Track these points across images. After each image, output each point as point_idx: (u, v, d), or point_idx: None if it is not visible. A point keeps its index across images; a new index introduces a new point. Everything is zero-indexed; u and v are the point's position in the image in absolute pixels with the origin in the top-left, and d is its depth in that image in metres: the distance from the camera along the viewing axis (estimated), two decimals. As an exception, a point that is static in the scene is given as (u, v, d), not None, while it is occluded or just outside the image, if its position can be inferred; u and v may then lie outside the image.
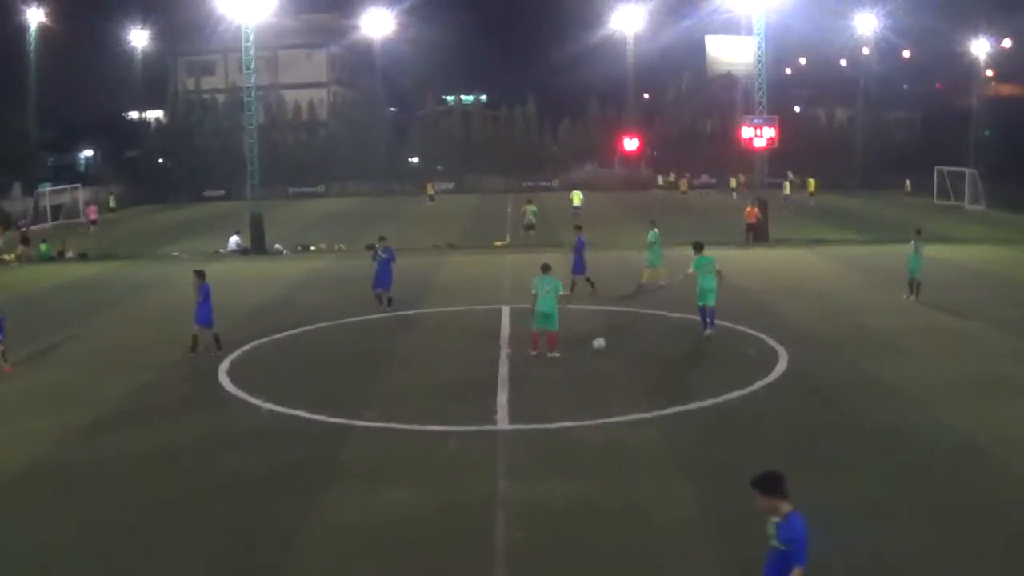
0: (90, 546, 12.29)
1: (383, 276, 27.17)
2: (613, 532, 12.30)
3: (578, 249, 29.86)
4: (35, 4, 71.77)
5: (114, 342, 24.59)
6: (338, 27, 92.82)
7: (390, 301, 27.15)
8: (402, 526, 12.60)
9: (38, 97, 72.66)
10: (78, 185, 69.92)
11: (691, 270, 23.96)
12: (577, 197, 59.76)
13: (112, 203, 69.18)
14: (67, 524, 12.98)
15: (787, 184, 66.30)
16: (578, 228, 31.55)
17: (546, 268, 21.79)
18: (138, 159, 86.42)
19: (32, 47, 71.95)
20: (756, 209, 43.83)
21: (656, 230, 31.33)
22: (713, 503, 13.08)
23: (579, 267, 29.58)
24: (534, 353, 21.18)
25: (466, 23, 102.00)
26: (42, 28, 72.40)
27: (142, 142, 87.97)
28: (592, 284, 29.48)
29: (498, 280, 33.11)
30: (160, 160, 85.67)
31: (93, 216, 58.95)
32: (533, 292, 21.26)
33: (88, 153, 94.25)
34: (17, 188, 71.75)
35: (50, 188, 65.85)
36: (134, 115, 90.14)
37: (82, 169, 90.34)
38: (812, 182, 70.29)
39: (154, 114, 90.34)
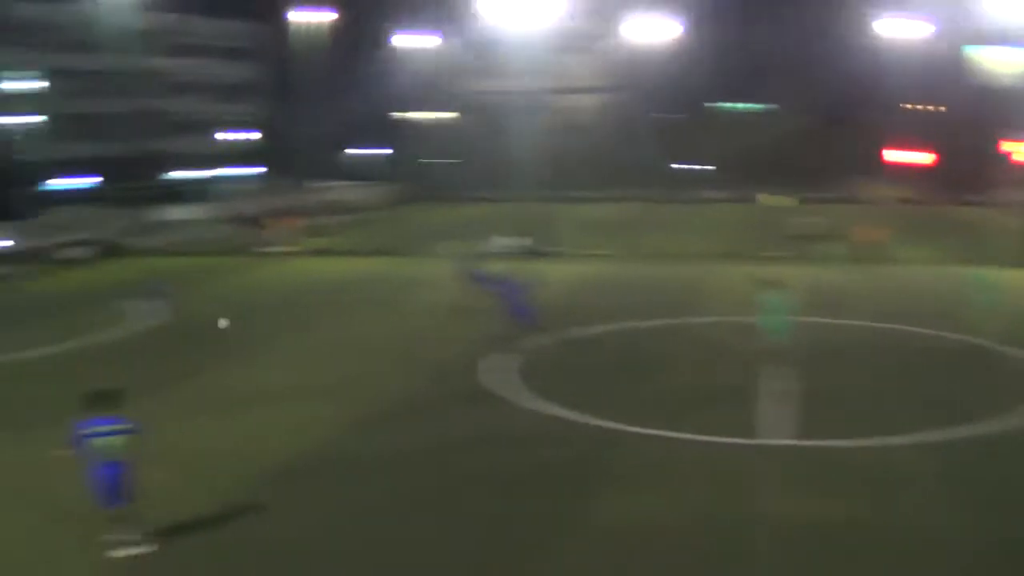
0: (359, 536, 12.76)
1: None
2: (883, 558, 11.70)
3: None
4: (320, 8, 76.16)
5: (389, 337, 25.51)
6: (611, 31, 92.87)
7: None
8: (656, 536, 12.47)
9: (323, 97, 76.93)
10: (357, 181, 73.18)
11: None
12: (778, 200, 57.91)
13: (370, 200, 72.22)
14: (339, 514, 13.48)
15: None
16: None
17: (774, 285, 21.13)
18: (415, 158, 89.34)
19: (317, 50, 76.26)
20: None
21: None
22: (999, 536, 12.19)
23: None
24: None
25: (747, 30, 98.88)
26: (326, 32, 76.83)
27: (421, 141, 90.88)
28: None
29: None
30: (438, 160, 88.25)
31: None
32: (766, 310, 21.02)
33: (369, 150, 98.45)
34: (299, 182, 76.35)
35: (330, 183, 69.01)
36: (414, 115, 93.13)
37: (362, 166, 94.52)
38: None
39: (435, 114, 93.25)
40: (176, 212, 64.21)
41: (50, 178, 67.12)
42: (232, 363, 22.90)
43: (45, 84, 74.65)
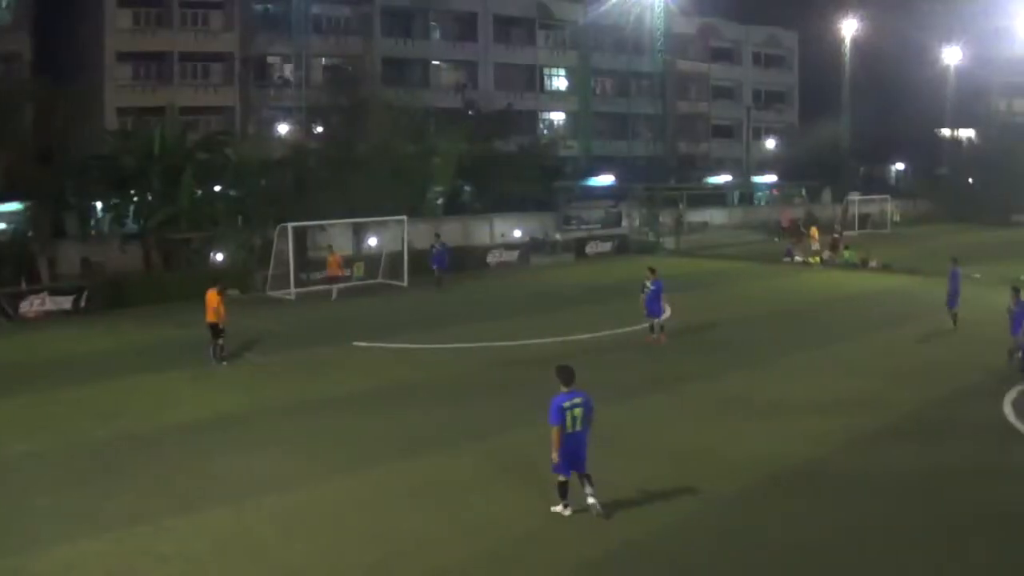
0: (838, 552, 12.72)
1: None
2: None
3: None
4: (848, 17, 76.48)
5: (906, 357, 24.91)
6: None
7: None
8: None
9: (852, 109, 76.73)
10: (887, 197, 71.35)
11: None
12: None
13: (896, 217, 70.17)
14: (820, 528, 13.52)
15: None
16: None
17: None
18: (947, 177, 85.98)
19: (847, 60, 76.63)
20: None
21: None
22: None
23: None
24: None
25: None
26: (856, 42, 76.82)
27: (952, 160, 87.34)
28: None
29: None
30: (969, 180, 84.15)
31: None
32: None
33: (899, 166, 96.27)
34: (827, 194, 76.47)
35: (859, 197, 68.54)
36: (946, 132, 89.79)
37: (892, 182, 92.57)
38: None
39: (966, 133, 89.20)
40: (705, 215, 67.18)
41: (584, 174, 72.46)
42: (745, 370, 23.49)
43: (580, 82, 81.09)
